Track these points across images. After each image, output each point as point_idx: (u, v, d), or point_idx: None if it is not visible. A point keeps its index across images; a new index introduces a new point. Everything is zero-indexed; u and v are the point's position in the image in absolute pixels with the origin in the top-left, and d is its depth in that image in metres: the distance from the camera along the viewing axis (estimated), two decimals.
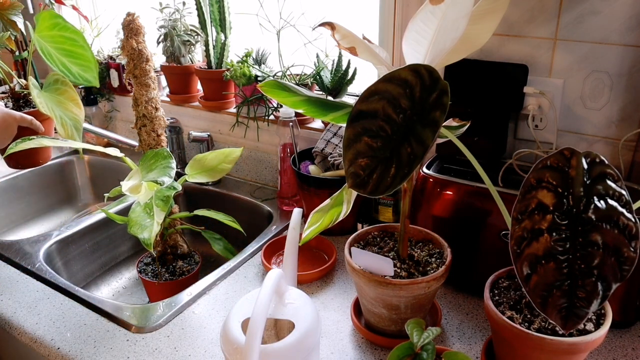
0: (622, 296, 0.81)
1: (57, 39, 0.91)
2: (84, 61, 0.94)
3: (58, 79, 0.96)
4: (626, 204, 0.59)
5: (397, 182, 0.60)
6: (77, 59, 0.94)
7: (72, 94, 0.97)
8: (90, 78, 0.95)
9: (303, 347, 0.65)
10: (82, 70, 0.94)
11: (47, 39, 0.90)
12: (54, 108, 0.92)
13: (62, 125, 0.91)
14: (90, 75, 0.95)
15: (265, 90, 0.75)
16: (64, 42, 0.92)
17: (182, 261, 1.18)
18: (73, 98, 0.96)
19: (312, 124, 1.31)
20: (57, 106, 0.93)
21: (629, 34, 0.87)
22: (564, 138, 0.99)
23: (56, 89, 0.95)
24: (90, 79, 0.95)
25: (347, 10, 1.31)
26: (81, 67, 0.94)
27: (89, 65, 0.95)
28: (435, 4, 0.64)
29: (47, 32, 0.90)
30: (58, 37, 0.91)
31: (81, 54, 0.93)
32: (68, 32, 0.91)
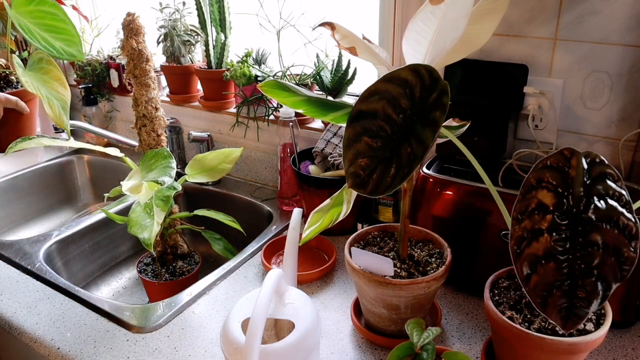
0: (622, 296, 0.81)
1: (35, 14, 0.86)
2: (66, 35, 0.88)
3: (42, 58, 0.91)
4: (626, 204, 0.59)
5: (397, 182, 0.60)
6: (59, 33, 0.88)
7: (57, 73, 0.92)
8: (75, 52, 0.89)
9: (303, 347, 0.65)
10: (66, 45, 0.88)
11: (25, 15, 0.85)
12: (39, 87, 0.87)
13: (50, 105, 0.87)
14: (74, 49, 0.89)
15: (265, 90, 0.75)
16: (43, 16, 0.86)
17: (182, 261, 1.18)
18: (58, 77, 0.91)
19: (312, 124, 1.31)
20: (42, 85, 0.88)
21: (629, 34, 0.87)
22: (564, 138, 0.99)
23: (40, 68, 0.91)
24: (75, 53, 0.89)
25: (347, 10, 1.31)
26: (64, 42, 0.88)
27: (72, 39, 0.89)
28: (435, 4, 0.64)
29: (24, 7, 0.84)
30: (36, 12, 0.86)
31: (63, 28, 0.87)
32: (46, 6, 0.86)
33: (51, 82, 0.90)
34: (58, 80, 0.92)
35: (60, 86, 0.91)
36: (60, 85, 0.91)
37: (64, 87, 0.92)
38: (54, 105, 0.88)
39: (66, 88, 0.92)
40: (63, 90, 0.91)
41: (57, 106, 0.88)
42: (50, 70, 0.92)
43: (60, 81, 0.92)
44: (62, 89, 0.91)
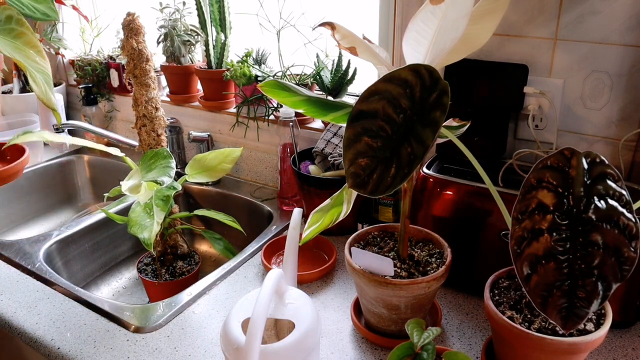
0: (622, 296, 0.81)
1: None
2: None
3: (11, 16, 0.71)
4: (626, 204, 0.59)
5: (397, 182, 0.60)
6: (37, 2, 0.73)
7: (32, 37, 0.73)
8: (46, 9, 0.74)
9: (303, 347, 0.65)
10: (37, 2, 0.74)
11: None
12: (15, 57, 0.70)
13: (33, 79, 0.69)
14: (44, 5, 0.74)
15: (266, 90, 0.75)
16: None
17: (182, 261, 1.18)
18: (33, 44, 0.73)
19: (312, 124, 1.31)
20: (17, 53, 0.71)
21: (629, 34, 0.87)
22: (564, 138, 0.99)
23: (10, 30, 0.71)
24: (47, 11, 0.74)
25: (347, 10, 1.31)
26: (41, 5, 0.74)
27: None
28: (436, 4, 0.64)
29: None
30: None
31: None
32: None
33: (26, 50, 0.72)
34: (34, 48, 0.74)
35: (38, 55, 0.74)
36: (37, 54, 0.74)
37: (42, 57, 0.75)
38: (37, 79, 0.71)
39: (45, 59, 0.76)
40: (42, 61, 0.74)
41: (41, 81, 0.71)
42: (23, 33, 0.73)
43: (36, 49, 0.74)
44: (41, 59, 0.74)
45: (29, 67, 0.71)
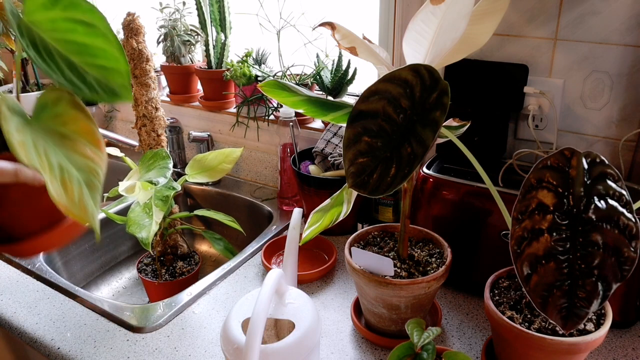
0: (622, 296, 0.81)
1: (59, 26, 0.52)
2: (106, 60, 0.54)
3: (60, 98, 0.54)
4: (626, 204, 0.59)
5: (398, 182, 0.60)
6: (95, 57, 0.53)
7: (85, 122, 0.54)
8: (118, 87, 0.54)
9: (303, 347, 0.65)
10: (104, 76, 0.53)
11: (43, 26, 0.52)
12: (48, 151, 0.50)
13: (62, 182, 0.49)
14: (117, 83, 0.54)
15: (266, 90, 0.75)
16: (72, 29, 0.52)
17: (182, 261, 1.18)
18: (87, 130, 0.54)
19: (312, 124, 1.31)
20: (55, 147, 0.51)
21: (629, 34, 0.87)
22: (564, 138, 0.99)
23: (56, 116, 0.54)
24: (118, 90, 0.54)
25: (347, 10, 1.31)
26: (102, 71, 0.53)
27: (116, 67, 0.54)
28: (436, 4, 0.64)
29: (42, 14, 0.51)
30: (61, 23, 0.52)
31: (102, 49, 0.53)
32: (79, 12, 0.52)
33: (74, 140, 0.53)
34: (87, 135, 0.54)
35: (91, 145, 0.54)
36: (90, 144, 0.54)
37: (95, 146, 0.54)
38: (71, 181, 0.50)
39: (101, 148, 0.55)
40: (94, 153, 0.54)
41: (76, 182, 0.50)
42: (74, 118, 0.54)
43: (90, 135, 0.55)
44: (93, 150, 0.54)
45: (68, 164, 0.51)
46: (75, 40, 0.53)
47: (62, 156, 0.51)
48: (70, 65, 0.53)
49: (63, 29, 0.53)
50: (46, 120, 0.53)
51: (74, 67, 0.53)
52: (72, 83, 0.52)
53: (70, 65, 0.53)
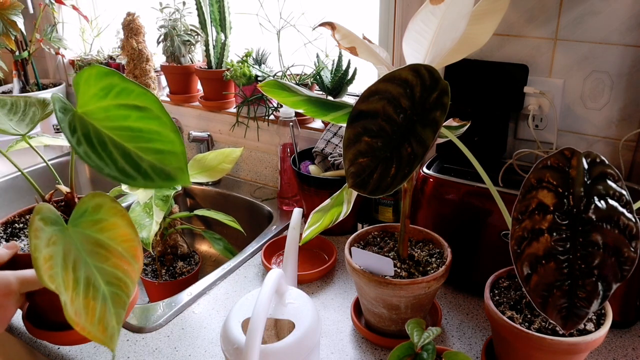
0: (622, 296, 0.81)
1: (114, 114, 0.51)
2: (162, 143, 0.51)
3: (102, 204, 0.52)
4: (627, 204, 0.59)
5: (398, 182, 0.60)
6: (150, 141, 0.51)
7: (125, 230, 0.52)
8: (174, 170, 0.50)
9: (303, 347, 0.65)
10: (160, 160, 0.50)
11: (97, 115, 0.50)
12: (78, 263, 0.48)
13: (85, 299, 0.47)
14: (173, 166, 0.50)
15: (266, 90, 0.75)
16: (126, 116, 0.51)
17: (182, 261, 1.18)
18: (126, 237, 0.52)
19: (312, 124, 1.31)
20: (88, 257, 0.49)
21: (629, 34, 0.87)
22: (564, 138, 0.99)
23: (94, 223, 0.52)
24: (174, 173, 0.50)
25: (347, 10, 1.31)
26: (158, 155, 0.50)
27: (172, 149, 0.51)
28: (436, 4, 0.64)
29: (97, 103, 0.50)
30: (116, 110, 0.51)
31: (157, 132, 0.51)
32: (132, 98, 0.51)
33: (108, 249, 0.51)
34: (124, 243, 0.52)
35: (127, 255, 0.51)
36: (127, 253, 0.52)
37: (132, 257, 0.52)
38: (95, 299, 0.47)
39: (137, 258, 0.53)
40: (128, 264, 0.52)
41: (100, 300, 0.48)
42: (113, 225, 0.52)
43: (128, 244, 0.52)
44: (128, 259, 0.52)
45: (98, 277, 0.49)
46: (129, 126, 0.51)
47: (92, 268, 0.49)
48: (124, 154, 0.50)
49: (117, 116, 0.51)
50: (84, 226, 0.52)
51: (129, 156, 0.50)
52: (126, 174, 0.49)
53: (125, 154, 0.50)
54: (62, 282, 0.45)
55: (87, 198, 0.53)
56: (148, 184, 0.50)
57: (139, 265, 0.52)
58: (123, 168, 0.49)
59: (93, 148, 0.48)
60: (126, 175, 0.49)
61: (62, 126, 0.47)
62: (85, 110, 0.50)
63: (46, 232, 0.48)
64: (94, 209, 0.53)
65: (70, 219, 0.51)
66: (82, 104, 0.50)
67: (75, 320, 0.45)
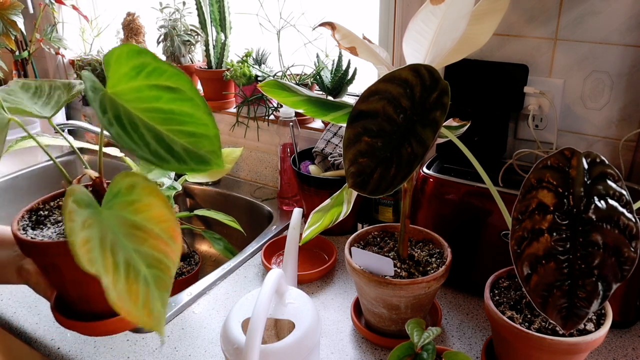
0: (622, 296, 0.81)
1: (145, 94, 0.49)
2: (195, 126, 0.49)
3: (135, 184, 0.50)
4: (627, 204, 0.59)
5: (398, 182, 0.60)
6: (183, 123, 0.49)
7: (161, 210, 0.50)
8: (208, 154, 0.49)
9: (303, 347, 0.65)
10: (193, 144, 0.49)
11: (127, 96, 0.49)
12: (116, 246, 0.46)
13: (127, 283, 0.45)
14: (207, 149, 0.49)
15: (266, 90, 0.75)
16: (158, 97, 0.49)
17: (182, 261, 1.18)
18: (163, 217, 0.50)
19: (312, 124, 1.31)
20: (125, 240, 0.48)
21: (629, 34, 0.87)
22: (564, 138, 0.99)
23: (129, 204, 0.50)
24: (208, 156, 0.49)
25: (347, 10, 1.31)
26: (191, 138, 0.49)
27: (205, 132, 0.49)
28: (436, 4, 0.64)
29: (128, 83, 0.49)
30: (147, 91, 0.49)
31: (190, 114, 0.49)
32: (164, 78, 0.49)
33: (146, 231, 0.49)
34: (161, 223, 0.50)
35: (165, 235, 0.49)
36: (165, 233, 0.49)
37: (170, 238, 0.49)
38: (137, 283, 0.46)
39: (176, 239, 0.50)
40: (167, 245, 0.49)
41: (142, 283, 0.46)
42: (148, 205, 0.50)
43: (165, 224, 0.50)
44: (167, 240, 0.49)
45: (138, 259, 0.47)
46: (161, 107, 0.49)
47: (132, 250, 0.47)
48: (156, 137, 0.48)
49: (148, 97, 0.49)
50: (118, 208, 0.49)
51: (161, 138, 0.48)
52: (159, 157, 0.47)
53: (157, 136, 0.48)
54: (102, 266, 0.43)
55: (119, 177, 0.50)
56: (182, 167, 0.48)
57: (178, 245, 0.49)
58: (156, 150, 0.47)
59: (124, 129, 0.46)
60: (159, 158, 0.47)
61: (94, 105, 0.45)
62: (116, 90, 0.48)
63: (80, 214, 0.46)
64: (128, 189, 0.50)
65: (103, 201, 0.49)
66: (113, 84, 0.48)
67: (119, 305, 0.43)
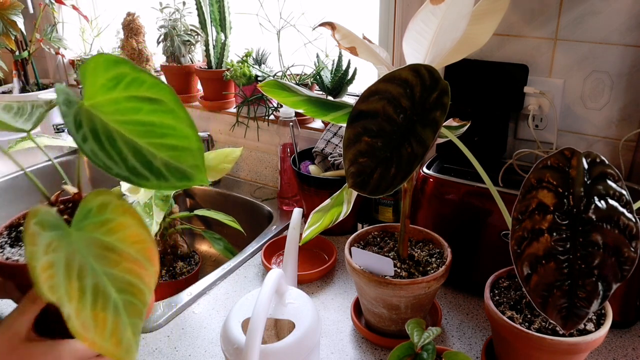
0: (622, 296, 0.81)
1: (124, 106, 0.46)
2: (176, 139, 0.46)
3: (107, 203, 0.47)
4: (627, 204, 0.59)
5: (398, 182, 0.60)
6: (163, 136, 0.46)
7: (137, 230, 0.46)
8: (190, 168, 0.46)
9: (303, 347, 0.65)
10: (174, 158, 0.46)
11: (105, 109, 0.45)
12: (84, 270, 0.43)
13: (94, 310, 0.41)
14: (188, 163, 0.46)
15: (266, 90, 0.75)
16: (137, 108, 0.46)
17: (182, 261, 1.18)
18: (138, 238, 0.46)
19: (312, 124, 1.31)
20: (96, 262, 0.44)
21: (629, 34, 0.87)
22: (564, 138, 0.99)
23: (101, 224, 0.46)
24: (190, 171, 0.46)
25: (347, 10, 1.31)
26: (172, 152, 0.46)
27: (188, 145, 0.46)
28: (436, 4, 0.64)
29: (105, 95, 0.45)
30: (126, 102, 0.46)
31: (171, 127, 0.46)
32: (144, 89, 0.45)
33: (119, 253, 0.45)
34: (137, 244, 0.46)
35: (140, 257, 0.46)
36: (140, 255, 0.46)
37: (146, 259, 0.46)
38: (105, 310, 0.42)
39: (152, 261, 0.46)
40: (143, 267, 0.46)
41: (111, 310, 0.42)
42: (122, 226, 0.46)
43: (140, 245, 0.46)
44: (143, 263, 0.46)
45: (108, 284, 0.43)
46: (141, 120, 0.46)
47: (102, 274, 0.43)
48: (135, 151, 0.45)
49: (127, 109, 0.46)
50: (89, 229, 0.46)
51: (140, 153, 0.45)
52: (137, 174, 0.44)
53: (136, 151, 0.45)
54: (65, 293, 0.40)
55: (90, 197, 0.47)
56: (162, 184, 0.45)
57: (155, 268, 0.46)
58: (134, 167, 0.44)
59: (101, 145, 0.43)
60: (137, 174, 0.44)
61: (67, 121, 0.42)
62: (93, 102, 0.45)
63: (44, 237, 0.42)
64: (99, 208, 0.47)
65: (73, 222, 0.46)
66: (89, 95, 0.45)
67: (82, 334, 0.40)
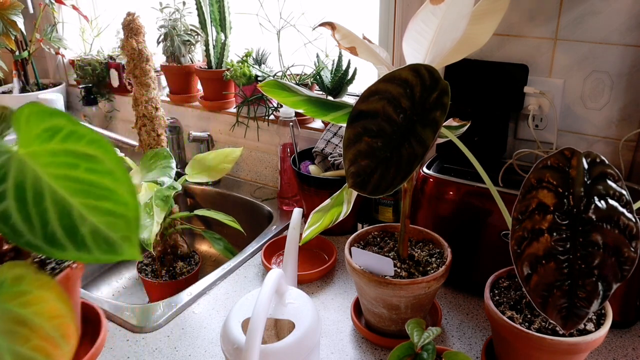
0: (622, 296, 0.81)
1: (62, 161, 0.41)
2: (113, 204, 0.41)
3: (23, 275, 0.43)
4: (627, 204, 0.59)
5: (398, 182, 0.60)
6: (100, 199, 0.41)
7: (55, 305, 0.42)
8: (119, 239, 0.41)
9: (303, 347, 0.65)
10: (107, 224, 0.41)
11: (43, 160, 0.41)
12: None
13: None
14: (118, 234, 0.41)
15: (266, 90, 0.75)
16: (74, 165, 0.41)
17: (182, 261, 1.18)
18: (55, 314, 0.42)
19: (312, 124, 1.31)
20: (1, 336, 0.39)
21: (629, 34, 0.87)
22: (564, 138, 0.99)
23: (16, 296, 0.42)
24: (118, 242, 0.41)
25: (347, 10, 1.31)
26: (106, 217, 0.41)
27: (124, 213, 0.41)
28: (436, 4, 0.64)
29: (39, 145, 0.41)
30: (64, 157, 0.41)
31: (109, 189, 0.41)
32: (82, 144, 0.41)
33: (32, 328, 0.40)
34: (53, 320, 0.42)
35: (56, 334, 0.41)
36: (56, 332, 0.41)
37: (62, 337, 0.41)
38: None
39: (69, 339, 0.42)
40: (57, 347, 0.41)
41: None
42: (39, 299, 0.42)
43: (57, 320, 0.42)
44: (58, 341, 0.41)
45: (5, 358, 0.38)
46: (79, 177, 0.41)
47: (5, 351, 0.38)
48: (62, 213, 0.40)
49: (64, 163, 0.41)
50: (2, 299, 0.41)
51: (68, 215, 0.40)
52: (53, 241, 0.39)
53: (63, 213, 0.40)
54: None
55: (4, 268, 0.42)
56: (82, 256, 0.39)
57: (70, 347, 0.41)
58: (53, 234, 0.39)
59: (22, 203, 0.38)
60: (53, 243, 0.39)
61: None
62: (29, 151, 0.41)
63: None
64: (14, 280, 0.42)
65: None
66: (25, 144, 0.41)
67: None
